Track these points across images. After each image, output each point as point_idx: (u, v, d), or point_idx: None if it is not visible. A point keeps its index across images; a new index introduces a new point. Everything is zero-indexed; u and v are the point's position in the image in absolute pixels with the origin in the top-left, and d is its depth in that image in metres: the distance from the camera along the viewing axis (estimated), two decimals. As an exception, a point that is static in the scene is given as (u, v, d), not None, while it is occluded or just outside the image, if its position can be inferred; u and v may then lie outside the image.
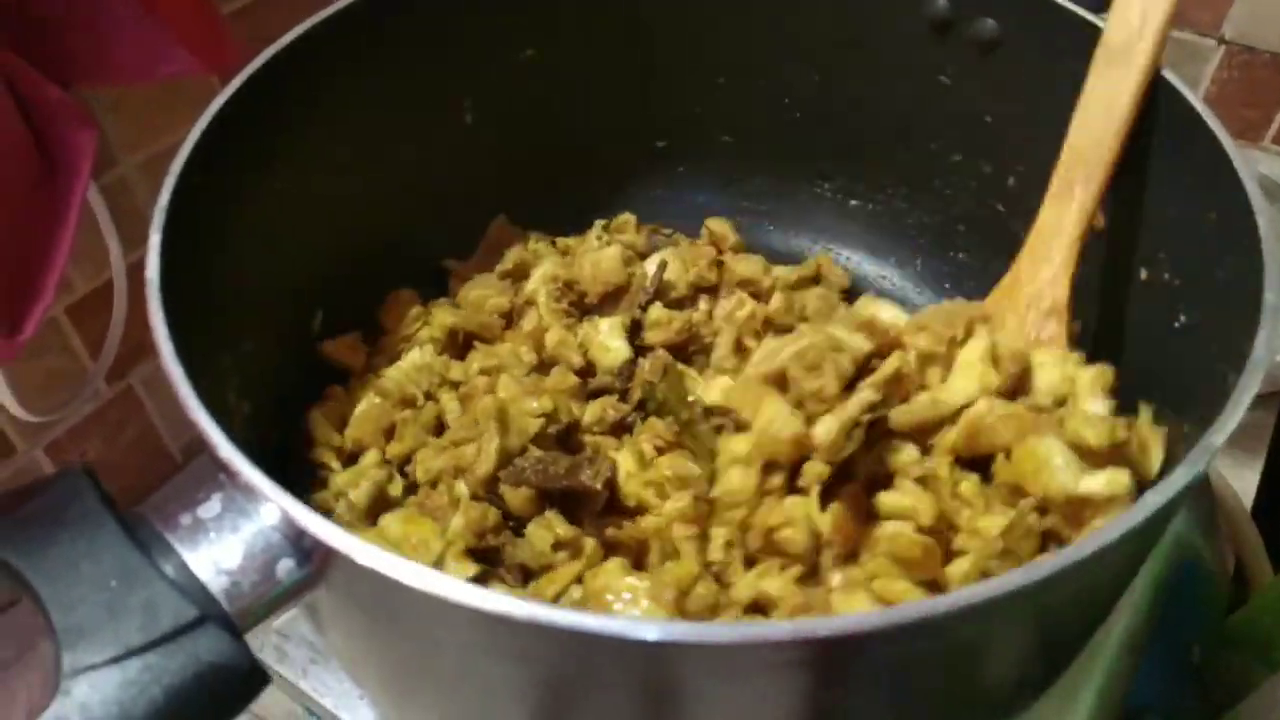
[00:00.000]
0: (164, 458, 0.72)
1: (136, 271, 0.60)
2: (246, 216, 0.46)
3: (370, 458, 0.52)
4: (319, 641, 0.58)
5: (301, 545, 0.32)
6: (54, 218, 0.48)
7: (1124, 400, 0.48)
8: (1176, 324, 0.44)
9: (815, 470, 0.41)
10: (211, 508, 0.32)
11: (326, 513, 0.47)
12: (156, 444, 0.71)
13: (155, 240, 0.39)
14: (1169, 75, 0.45)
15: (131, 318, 0.62)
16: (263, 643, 0.54)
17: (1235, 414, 0.31)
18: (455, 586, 0.27)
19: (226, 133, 0.44)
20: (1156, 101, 0.45)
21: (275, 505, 0.31)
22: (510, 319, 0.58)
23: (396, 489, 0.50)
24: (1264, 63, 0.92)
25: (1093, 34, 0.48)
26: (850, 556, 0.41)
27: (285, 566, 0.32)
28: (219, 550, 0.32)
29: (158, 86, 0.59)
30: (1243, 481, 0.67)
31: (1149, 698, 0.49)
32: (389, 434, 0.53)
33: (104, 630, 0.28)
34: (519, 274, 0.60)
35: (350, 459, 0.52)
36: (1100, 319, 0.52)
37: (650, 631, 0.26)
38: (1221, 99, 0.95)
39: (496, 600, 0.27)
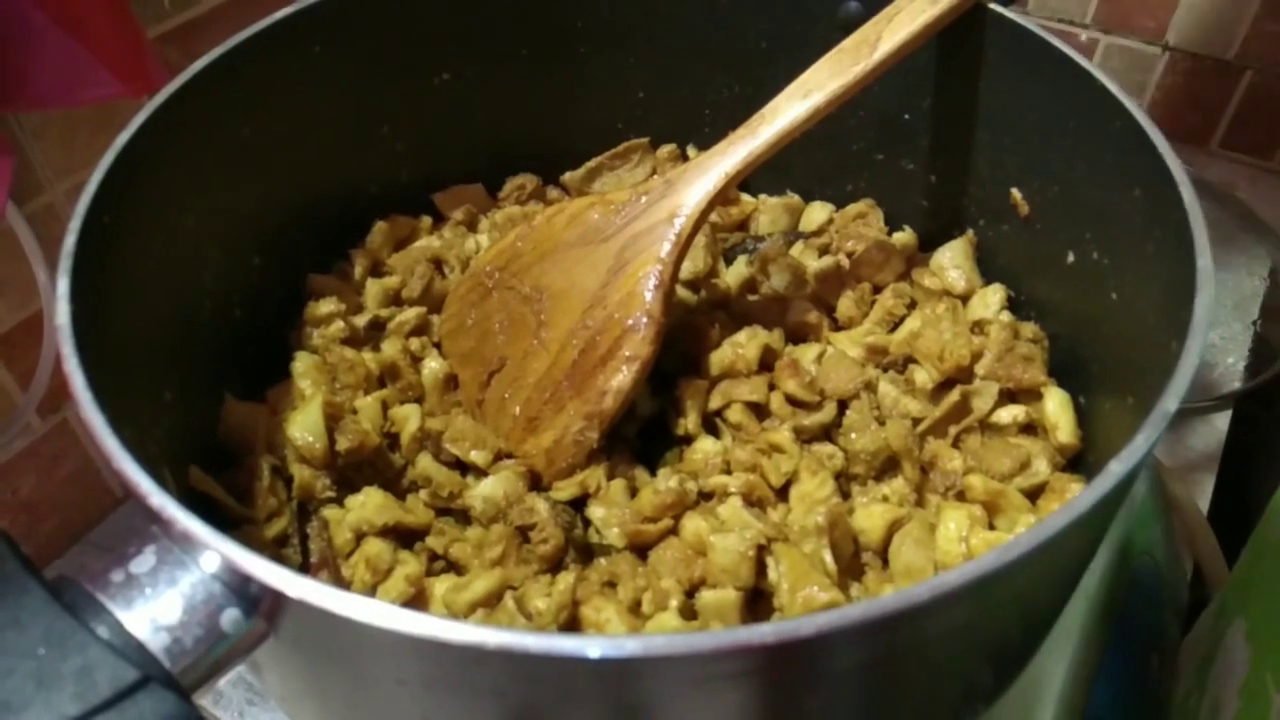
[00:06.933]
0: (103, 493, 0.68)
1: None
2: (158, 252, 0.43)
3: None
4: (256, 682, 0.55)
5: (247, 593, 0.29)
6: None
7: (1063, 380, 0.48)
8: (1110, 300, 0.43)
9: None
10: (145, 561, 0.29)
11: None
12: (94, 479, 0.66)
13: (64, 286, 0.36)
14: (1075, 55, 0.44)
15: (64, 348, 0.58)
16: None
17: (1184, 379, 0.30)
18: (425, 622, 0.25)
19: (134, 167, 0.40)
20: (1067, 85, 0.44)
21: (216, 552, 0.28)
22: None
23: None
24: (1207, 69, 0.91)
25: (1008, 30, 0.48)
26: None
27: (230, 617, 0.29)
28: (156, 606, 0.29)
29: (85, 110, 0.55)
30: (1199, 487, 0.65)
31: (1108, 706, 0.49)
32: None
33: (34, 703, 0.25)
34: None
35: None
36: (1035, 303, 0.52)
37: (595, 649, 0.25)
38: (1167, 104, 0.94)
39: (468, 632, 0.25)
